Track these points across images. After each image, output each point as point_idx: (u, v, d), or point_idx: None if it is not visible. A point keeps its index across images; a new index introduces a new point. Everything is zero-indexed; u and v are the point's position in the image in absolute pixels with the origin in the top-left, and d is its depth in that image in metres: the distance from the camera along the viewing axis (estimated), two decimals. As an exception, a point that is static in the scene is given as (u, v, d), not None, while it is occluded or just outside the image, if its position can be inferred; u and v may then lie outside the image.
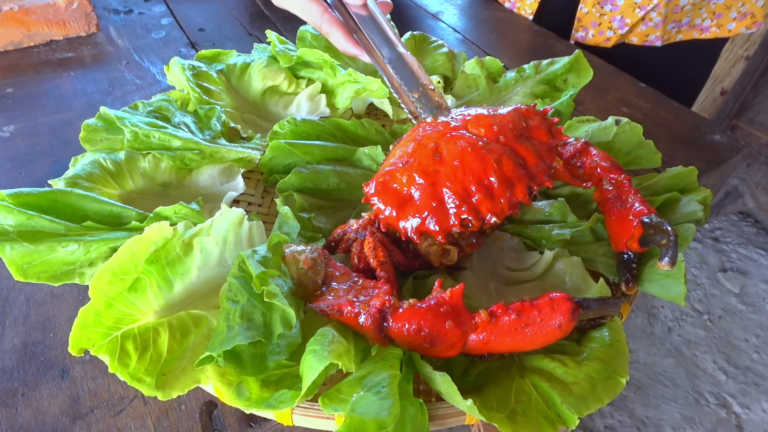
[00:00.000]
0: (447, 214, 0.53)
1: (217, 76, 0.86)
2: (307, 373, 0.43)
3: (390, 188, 0.55)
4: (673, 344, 1.55)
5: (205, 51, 0.90)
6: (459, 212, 0.53)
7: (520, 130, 0.57)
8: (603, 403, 0.45)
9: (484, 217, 0.54)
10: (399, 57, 0.60)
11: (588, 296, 0.55)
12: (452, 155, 0.54)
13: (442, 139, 0.56)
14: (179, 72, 0.82)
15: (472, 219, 0.53)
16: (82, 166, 0.67)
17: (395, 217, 0.54)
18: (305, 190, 0.68)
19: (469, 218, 0.53)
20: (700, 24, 1.14)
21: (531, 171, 0.56)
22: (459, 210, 0.53)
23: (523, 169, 0.55)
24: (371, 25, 0.60)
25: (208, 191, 0.73)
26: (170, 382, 0.47)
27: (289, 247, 0.54)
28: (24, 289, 0.66)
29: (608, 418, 1.38)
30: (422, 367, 0.48)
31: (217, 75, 0.86)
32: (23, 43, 1.10)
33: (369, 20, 0.60)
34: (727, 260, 1.77)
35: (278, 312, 0.48)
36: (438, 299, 0.47)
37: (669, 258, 0.50)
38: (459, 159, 0.54)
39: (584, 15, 1.18)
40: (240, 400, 0.45)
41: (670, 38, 1.16)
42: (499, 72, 0.92)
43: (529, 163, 0.56)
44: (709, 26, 1.14)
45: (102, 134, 0.71)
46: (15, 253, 0.53)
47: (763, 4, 1.09)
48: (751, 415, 1.39)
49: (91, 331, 0.47)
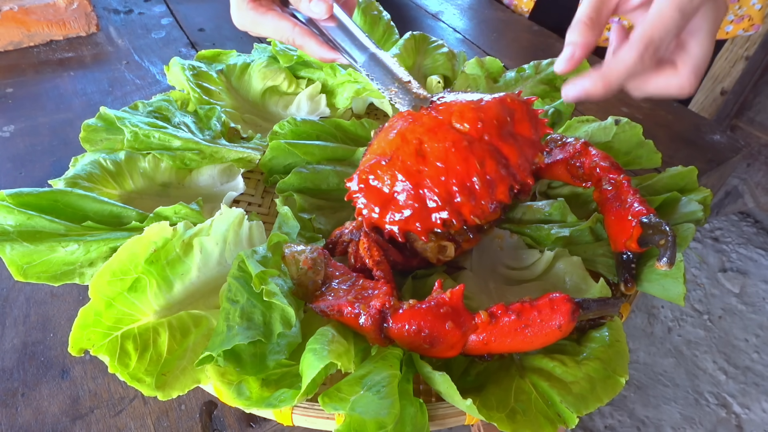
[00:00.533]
0: (429, 214, 0.54)
1: (217, 76, 0.86)
2: (307, 371, 0.43)
3: (373, 187, 0.55)
4: (673, 344, 1.55)
5: (205, 51, 0.90)
6: (441, 213, 0.54)
7: (504, 125, 0.58)
8: (602, 403, 0.45)
9: (466, 219, 0.54)
10: (370, 57, 0.61)
11: (588, 296, 0.55)
12: (436, 155, 0.55)
13: (426, 135, 0.56)
14: (179, 72, 0.82)
15: (453, 220, 0.54)
16: (82, 166, 0.67)
17: (378, 215, 0.55)
18: (305, 190, 0.68)
19: (451, 219, 0.54)
20: None
21: (513, 170, 0.56)
22: (441, 211, 0.54)
23: (505, 169, 0.56)
24: (340, 33, 0.62)
25: (208, 191, 0.73)
26: (170, 382, 0.47)
27: (289, 247, 0.54)
28: (24, 289, 0.66)
29: (608, 418, 1.38)
30: (422, 367, 0.48)
31: (217, 75, 0.86)
32: (23, 43, 1.10)
33: (337, 28, 0.61)
34: (727, 260, 1.77)
35: (278, 311, 0.48)
36: (438, 300, 0.47)
37: (667, 258, 0.50)
38: (442, 160, 0.54)
39: None
40: (240, 400, 0.45)
41: None
42: (499, 72, 0.92)
43: (511, 162, 0.56)
44: None
45: (102, 134, 0.71)
46: (15, 253, 0.53)
47: (760, 7, 1.08)
48: (751, 415, 1.39)
49: (91, 332, 0.47)
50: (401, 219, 0.54)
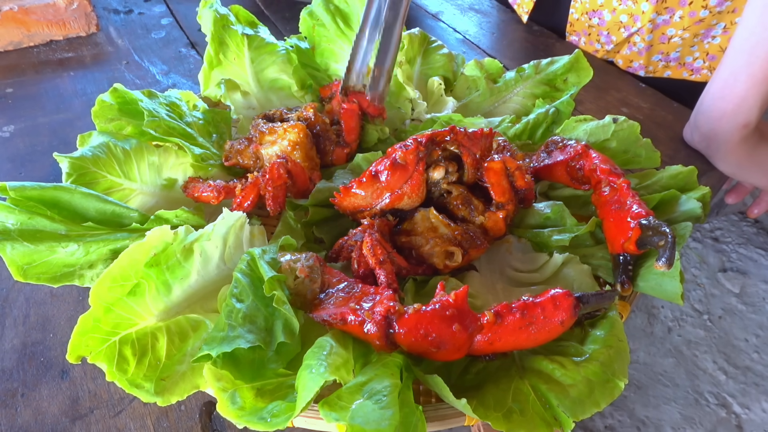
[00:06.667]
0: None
1: (242, 37, 0.84)
2: (302, 392, 0.42)
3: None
4: (673, 344, 1.55)
5: (242, 9, 0.88)
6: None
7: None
8: (599, 408, 0.44)
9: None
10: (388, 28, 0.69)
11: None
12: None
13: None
14: (209, 15, 0.81)
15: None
16: (90, 148, 0.64)
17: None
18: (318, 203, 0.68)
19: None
20: (690, 63, 1.07)
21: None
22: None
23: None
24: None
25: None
26: (169, 388, 0.47)
27: (284, 256, 0.54)
28: (24, 290, 0.66)
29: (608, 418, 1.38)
30: (416, 370, 0.47)
31: (242, 37, 0.84)
32: (23, 43, 1.11)
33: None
34: (727, 260, 1.77)
35: (281, 319, 0.47)
36: (442, 303, 0.46)
37: (666, 259, 0.50)
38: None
39: (575, 20, 1.17)
40: (233, 410, 0.44)
41: (656, 71, 1.10)
42: (498, 72, 0.92)
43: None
44: (700, 67, 1.06)
45: (114, 113, 0.70)
46: (15, 252, 0.52)
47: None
48: (751, 415, 1.39)
49: (89, 338, 0.47)
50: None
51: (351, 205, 0.62)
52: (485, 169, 0.61)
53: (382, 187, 0.59)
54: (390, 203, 0.60)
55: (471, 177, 0.63)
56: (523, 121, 0.79)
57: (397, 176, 0.58)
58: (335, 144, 0.76)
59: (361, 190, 0.60)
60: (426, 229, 0.59)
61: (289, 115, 0.76)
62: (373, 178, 0.59)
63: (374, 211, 0.61)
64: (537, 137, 0.78)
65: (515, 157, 0.68)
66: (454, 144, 0.61)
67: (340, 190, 0.62)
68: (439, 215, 0.60)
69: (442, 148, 0.61)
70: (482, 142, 0.62)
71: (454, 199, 0.62)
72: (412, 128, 0.83)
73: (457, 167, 0.63)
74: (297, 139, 0.70)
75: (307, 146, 0.71)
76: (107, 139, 0.66)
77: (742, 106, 0.78)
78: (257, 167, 0.72)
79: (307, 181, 0.68)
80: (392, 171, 0.58)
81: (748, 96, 0.78)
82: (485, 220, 0.61)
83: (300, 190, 0.68)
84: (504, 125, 0.79)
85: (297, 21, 0.91)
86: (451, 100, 0.88)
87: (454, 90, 0.92)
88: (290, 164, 0.65)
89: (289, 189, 0.66)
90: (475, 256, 0.60)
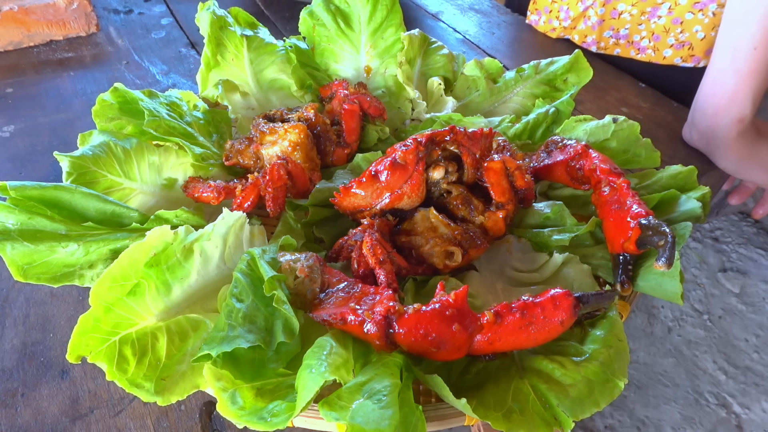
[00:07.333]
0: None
1: (240, 38, 0.84)
2: (302, 392, 0.42)
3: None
4: (673, 344, 1.55)
5: (241, 11, 0.88)
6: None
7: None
8: (599, 408, 0.44)
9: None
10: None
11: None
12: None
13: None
14: (206, 17, 0.81)
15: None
16: (90, 147, 0.64)
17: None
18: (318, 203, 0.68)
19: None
20: (638, 42, 1.08)
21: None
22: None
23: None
24: None
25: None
26: (169, 387, 0.47)
27: (283, 256, 0.54)
28: (24, 290, 0.66)
29: (608, 418, 1.38)
30: (416, 370, 0.47)
31: (241, 38, 0.84)
32: (23, 43, 1.11)
33: None
34: (727, 260, 1.77)
35: (281, 318, 0.47)
36: (443, 302, 0.46)
37: (666, 259, 0.50)
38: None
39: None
40: (233, 410, 0.44)
41: (607, 48, 1.12)
42: (498, 72, 0.92)
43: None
44: (645, 47, 1.07)
45: (114, 112, 0.70)
46: (16, 252, 0.52)
47: (703, 36, 1.01)
48: (751, 415, 1.39)
49: (89, 337, 0.47)
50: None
51: (351, 205, 0.62)
52: (485, 168, 0.61)
53: (382, 187, 0.59)
54: (390, 203, 0.60)
55: (471, 177, 0.63)
56: (523, 121, 0.79)
57: (396, 176, 0.59)
58: (336, 144, 0.76)
59: (360, 190, 0.60)
60: (426, 229, 0.60)
61: (290, 115, 0.77)
62: (373, 178, 0.59)
63: (374, 211, 0.61)
64: (537, 137, 0.78)
65: (515, 157, 0.68)
66: (453, 144, 0.61)
67: (340, 190, 0.62)
68: (439, 215, 0.60)
69: (442, 147, 0.61)
70: (482, 142, 0.62)
71: (454, 198, 0.62)
72: (412, 128, 0.83)
73: (457, 167, 0.63)
74: (298, 139, 0.70)
75: (308, 147, 0.71)
76: (108, 138, 0.66)
77: (734, 101, 0.80)
78: (258, 167, 0.72)
79: (307, 182, 0.68)
80: (392, 171, 0.58)
81: (738, 90, 0.79)
82: (485, 219, 0.61)
83: (300, 191, 0.68)
84: (504, 125, 0.80)
85: (297, 21, 0.91)
86: (450, 100, 0.88)
87: (454, 90, 0.92)
88: (290, 165, 0.65)
89: (289, 189, 0.66)
90: (475, 256, 0.60)
